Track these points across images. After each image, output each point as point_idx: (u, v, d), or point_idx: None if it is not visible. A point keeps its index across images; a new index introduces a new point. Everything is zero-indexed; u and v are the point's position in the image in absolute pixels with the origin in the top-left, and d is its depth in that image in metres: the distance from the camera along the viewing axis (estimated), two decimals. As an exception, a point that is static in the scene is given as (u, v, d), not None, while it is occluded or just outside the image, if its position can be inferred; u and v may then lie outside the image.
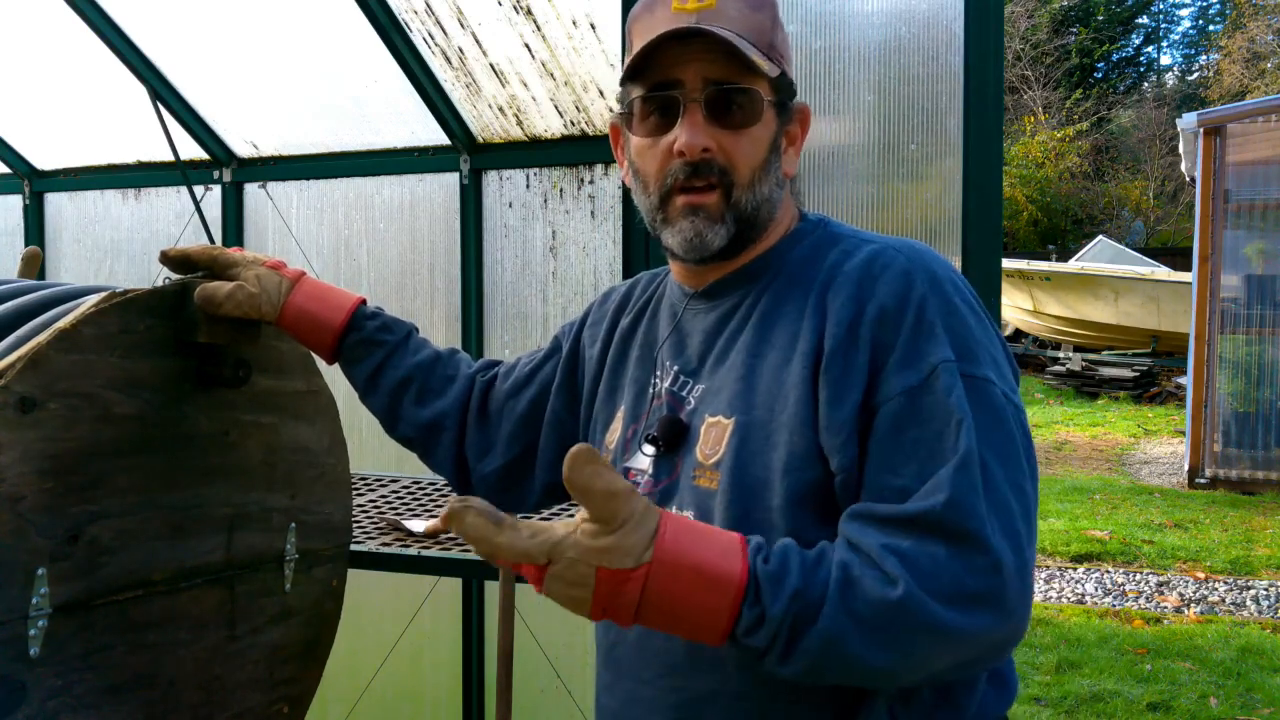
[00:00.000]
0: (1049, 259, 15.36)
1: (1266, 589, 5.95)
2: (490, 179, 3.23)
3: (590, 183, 3.10)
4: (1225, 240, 8.33)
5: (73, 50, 3.39)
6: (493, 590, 2.85)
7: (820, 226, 1.28)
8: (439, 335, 3.32)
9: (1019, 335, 15.27)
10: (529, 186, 3.18)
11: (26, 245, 3.88)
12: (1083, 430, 11.11)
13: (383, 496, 2.76)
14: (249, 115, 3.46)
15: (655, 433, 1.25)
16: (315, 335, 1.50)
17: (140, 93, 3.32)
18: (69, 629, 1.36)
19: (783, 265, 1.25)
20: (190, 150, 3.54)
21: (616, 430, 1.35)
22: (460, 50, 3.00)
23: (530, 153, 3.15)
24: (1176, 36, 29.82)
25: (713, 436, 1.20)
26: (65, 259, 3.94)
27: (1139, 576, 6.20)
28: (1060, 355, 13.99)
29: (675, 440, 1.23)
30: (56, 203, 3.96)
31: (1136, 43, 28.47)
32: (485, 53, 2.99)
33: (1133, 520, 7.36)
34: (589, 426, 1.43)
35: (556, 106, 3.04)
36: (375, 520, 2.51)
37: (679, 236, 1.22)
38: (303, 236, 3.51)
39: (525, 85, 3.02)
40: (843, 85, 2.49)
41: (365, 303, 1.53)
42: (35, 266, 2.14)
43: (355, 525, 2.45)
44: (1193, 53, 28.45)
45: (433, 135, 3.24)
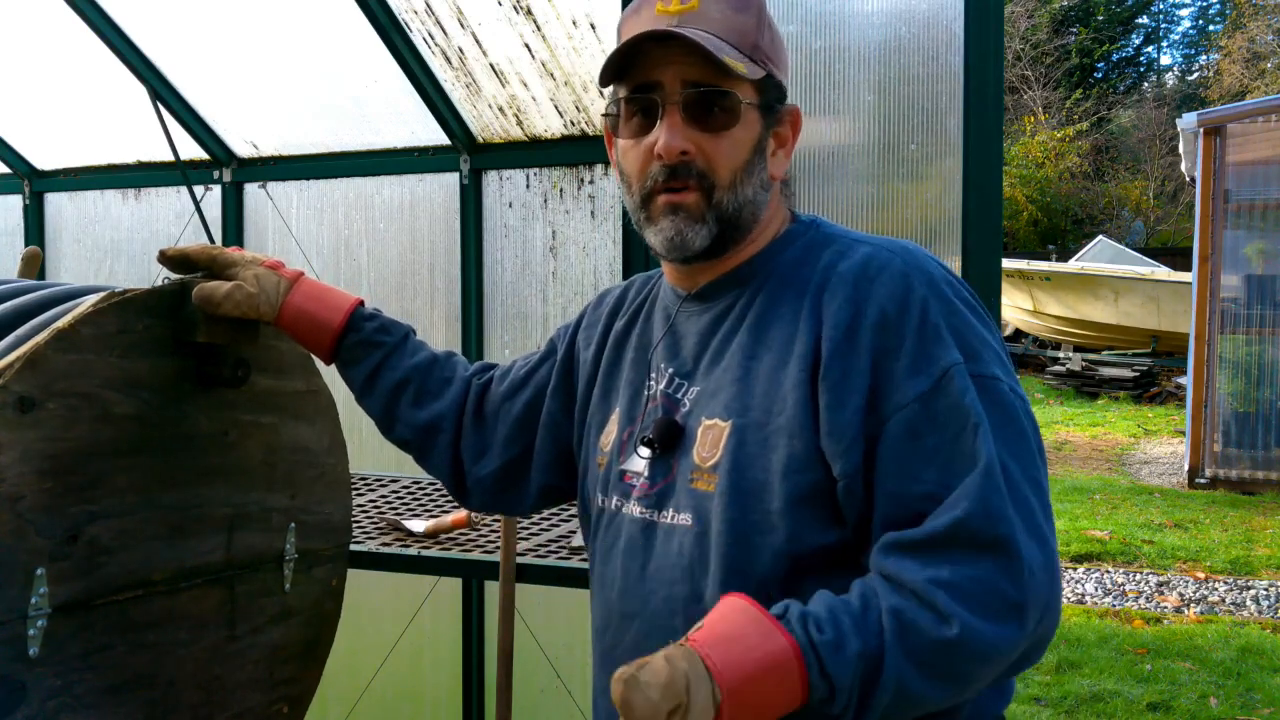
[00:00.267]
0: (1049, 259, 15.35)
1: (1266, 589, 5.94)
2: (490, 179, 3.23)
3: (590, 183, 3.10)
4: (1225, 240, 8.33)
5: (73, 50, 3.39)
6: (493, 590, 2.85)
7: (812, 228, 1.28)
8: (439, 335, 3.32)
9: (1019, 335, 15.26)
10: (529, 186, 3.18)
11: (26, 245, 3.88)
12: (1083, 430, 11.11)
13: (383, 496, 2.76)
14: (249, 115, 3.46)
15: (651, 435, 1.25)
16: (313, 336, 1.49)
17: (140, 93, 3.32)
18: (69, 629, 1.36)
19: (775, 267, 1.25)
20: (190, 150, 3.54)
21: (612, 433, 1.35)
22: (460, 50, 3.00)
23: (530, 153, 3.15)
24: (1176, 36, 29.85)
25: (710, 439, 1.20)
26: (65, 259, 3.94)
27: (1139, 576, 6.20)
28: (1060, 355, 13.99)
29: (671, 442, 1.24)
30: (56, 203, 3.96)
31: (1136, 43, 28.48)
32: (485, 53, 2.99)
33: (1133, 520, 7.36)
34: (584, 429, 1.42)
35: (556, 106, 3.04)
36: (375, 520, 2.51)
37: (660, 236, 1.23)
38: (303, 236, 3.51)
39: (525, 85, 3.01)
40: (843, 85, 2.49)
41: (363, 304, 1.52)
42: (35, 266, 2.14)
43: (355, 525, 2.45)
44: (1193, 53, 28.47)
45: (433, 135, 3.24)
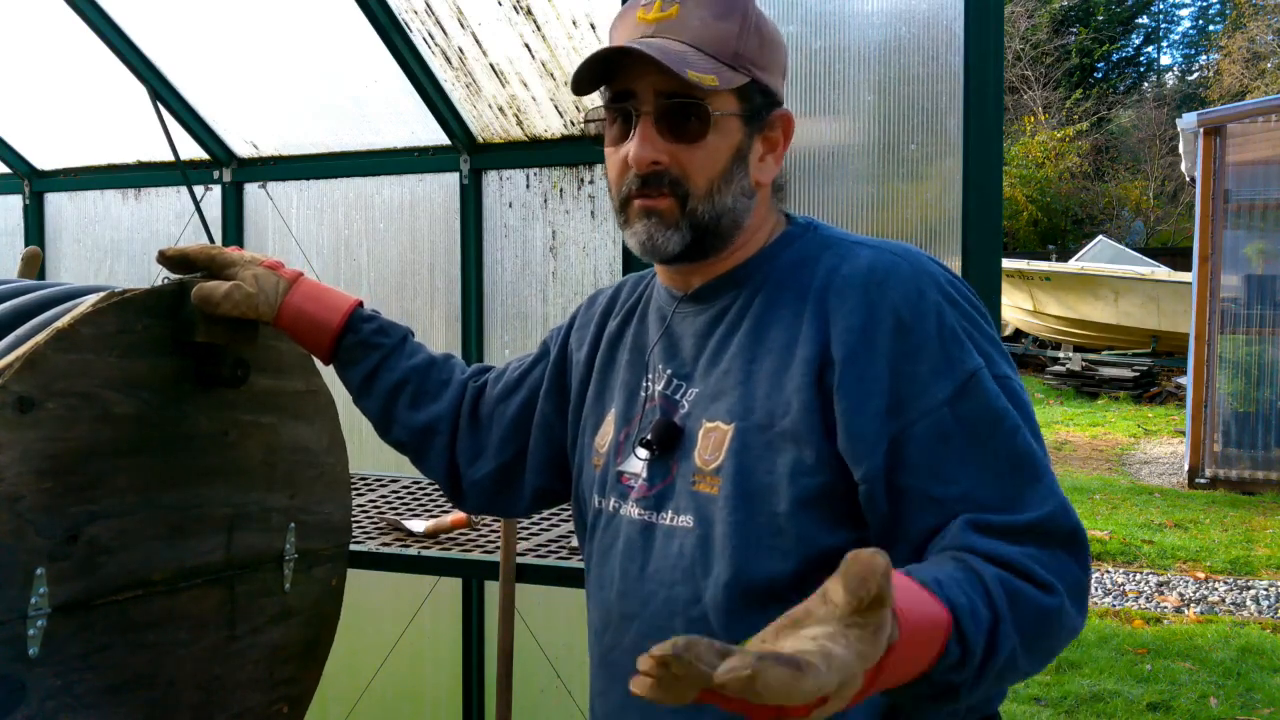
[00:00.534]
0: (1049, 259, 15.35)
1: (1266, 589, 5.94)
2: (490, 179, 3.23)
3: (590, 183, 3.10)
4: (1225, 240, 8.33)
5: (73, 50, 3.39)
6: (493, 590, 2.85)
7: (809, 230, 1.28)
8: (439, 335, 3.32)
9: (1019, 335, 15.26)
10: (529, 186, 3.18)
11: (26, 245, 3.88)
12: (1083, 430, 11.11)
13: (383, 496, 2.76)
14: (249, 115, 3.46)
15: (649, 436, 1.24)
16: (312, 336, 1.49)
17: (140, 93, 3.32)
18: (68, 629, 1.36)
19: (772, 270, 1.25)
20: (190, 150, 3.54)
21: (608, 434, 1.34)
22: (460, 50, 3.00)
23: (530, 153, 3.15)
24: (1176, 36, 29.86)
25: (712, 442, 1.20)
26: (65, 259, 3.94)
27: (1139, 576, 6.20)
28: (1060, 355, 13.99)
29: (670, 444, 1.23)
30: (56, 203, 3.96)
31: (1136, 43, 28.48)
32: (485, 53, 2.99)
33: (1133, 520, 7.36)
34: (578, 429, 1.42)
35: (556, 106, 3.04)
36: (375, 520, 2.52)
37: (635, 239, 1.24)
38: (303, 236, 3.51)
39: (525, 85, 3.01)
40: (843, 85, 2.48)
41: (362, 305, 1.53)
42: (35, 266, 2.14)
43: (355, 525, 2.45)
44: (1193, 53, 28.47)
45: (433, 135, 3.24)
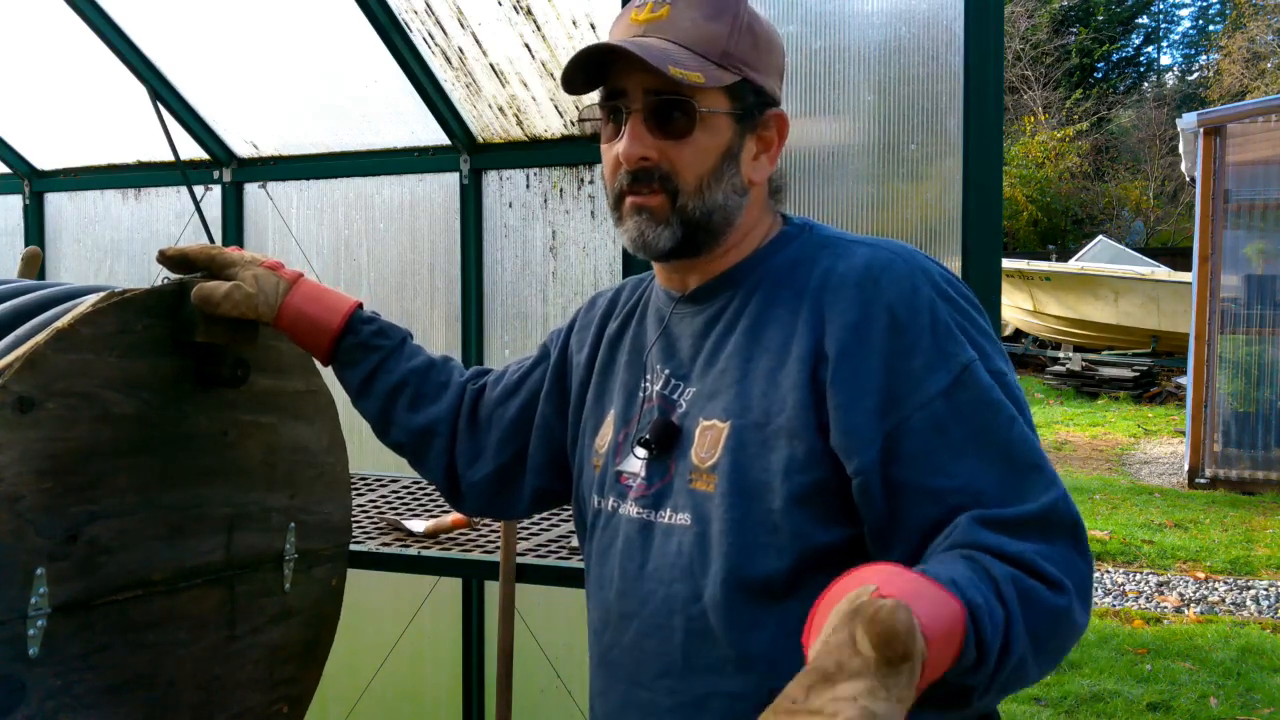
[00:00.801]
0: (1049, 259, 15.35)
1: (1266, 589, 5.94)
2: (490, 179, 3.23)
3: (590, 183, 3.10)
4: (1225, 240, 8.33)
5: (73, 50, 3.39)
6: (493, 590, 2.85)
7: (805, 230, 1.29)
8: (439, 335, 3.32)
9: (1019, 335, 15.26)
10: (529, 186, 3.18)
11: (26, 245, 3.88)
12: (1083, 430, 11.11)
13: (383, 496, 2.76)
14: (249, 115, 3.46)
15: (647, 435, 1.25)
16: (311, 337, 1.50)
17: (140, 93, 3.32)
18: (68, 629, 1.36)
19: (768, 269, 1.26)
20: (190, 150, 3.54)
21: (607, 434, 1.35)
22: (460, 50, 3.00)
23: (530, 153, 3.15)
24: (1176, 36, 29.85)
25: (708, 440, 1.20)
26: (65, 259, 3.94)
27: (1139, 576, 6.20)
28: (1060, 355, 13.99)
29: (668, 443, 1.24)
30: (56, 203, 3.96)
31: (1136, 43, 28.48)
32: (485, 53, 2.99)
33: (1133, 520, 7.36)
34: (578, 431, 1.43)
35: (556, 106, 3.04)
36: (375, 520, 2.52)
37: (627, 235, 1.26)
38: (303, 236, 3.51)
39: (525, 85, 3.01)
40: (843, 85, 2.48)
41: (362, 306, 1.53)
42: (35, 266, 2.14)
43: (355, 525, 2.45)
44: (1193, 53, 28.47)
45: (433, 135, 3.24)
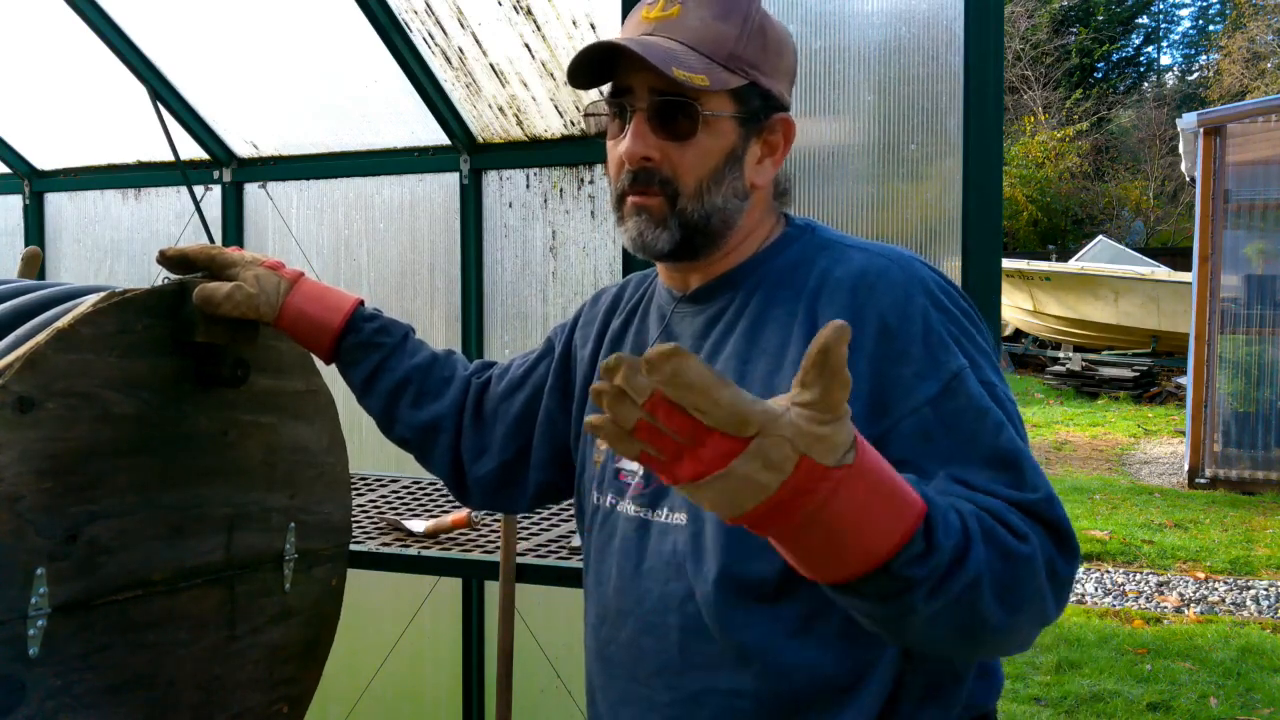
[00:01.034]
0: (1049, 259, 15.36)
1: (1266, 589, 5.94)
2: (490, 179, 3.23)
3: (590, 183, 3.10)
4: (1225, 240, 8.33)
5: (73, 50, 3.39)
6: (493, 590, 2.85)
7: (807, 232, 1.29)
8: (439, 335, 3.32)
9: (1019, 335, 15.27)
10: (529, 186, 3.18)
11: (26, 245, 3.88)
12: (1083, 430, 11.11)
13: (383, 496, 2.76)
14: (249, 115, 3.46)
15: None
16: (313, 336, 1.50)
17: (140, 93, 3.32)
18: (68, 629, 1.36)
19: (769, 271, 1.26)
20: (190, 150, 3.54)
21: None
22: (460, 50, 3.00)
23: (530, 153, 3.15)
24: (1176, 36, 29.85)
25: None
26: (65, 259, 3.94)
27: (1139, 576, 6.20)
28: (1060, 355, 13.99)
29: None
30: (56, 203, 3.96)
31: (1136, 43, 28.47)
32: (485, 53, 2.99)
33: (1133, 520, 7.36)
34: (581, 427, 1.43)
35: (556, 106, 3.04)
36: (375, 520, 2.52)
37: (627, 235, 1.26)
38: (303, 236, 3.51)
39: (525, 85, 3.01)
40: (843, 85, 2.48)
41: (363, 304, 1.53)
42: (35, 266, 2.14)
43: (355, 525, 2.45)
44: (1193, 53, 28.47)
45: (433, 135, 3.24)
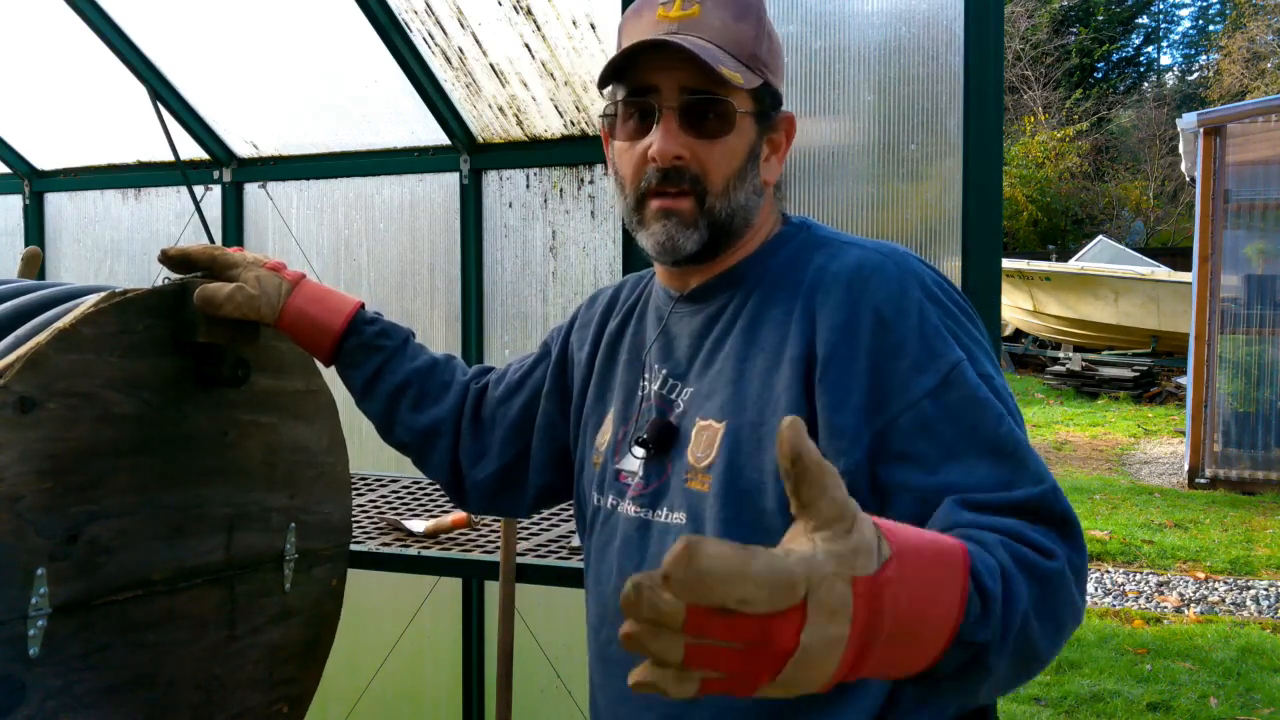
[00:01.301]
0: (1049, 259, 15.37)
1: (1266, 589, 5.94)
2: (490, 179, 3.23)
3: (590, 183, 3.10)
4: (1225, 240, 8.33)
5: (73, 50, 3.39)
6: (493, 590, 2.85)
7: (803, 229, 1.30)
8: (439, 335, 3.32)
9: (1019, 335, 15.27)
10: (529, 186, 3.18)
11: (26, 245, 3.88)
12: (1083, 430, 11.11)
13: (383, 496, 2.76)
14: (249, 115, 3.46)
15: (645, 435, 1.26)
16: (313, 338, 1.50)
17: (140, 93, 3.32)
18: (68, 629, 1.36)
19: (766, 269, 1.26)
20: (190, 150, 3.54)
21: (607, 433, 1.36)
22: (460, 50, 3.00)
23: (530, 153, 3.15)
24: (1176, 36, 29.87)
25: (704, 440, 1.21)
26: (65, 259, 3.94)
27: (1139, 576, 6.20)
28: (1060, 355, 13.99)
29: (665, 442, 1.25)
30: (56, 203, 3.96)
31: (1136, 43, 28.49)
32: (485, 53, 2.99)
33: (1133, 520, 7.36)
34: (579, 429, 1.43)
35: (556, 106, 3.04)
36: (375, 520, 2.52)
37: (652, 239, 1.24)
38: (303, 236, 3.51)
39: (525, 85, 3.01)
40: (843, 85, 2.48)
41: (364, 307, 1.53)
42: (35, 266, 2.14)
43: (355, 525, 2.45)
44: (1193, 53, 28.48)
45: (433, 135, 3.24)
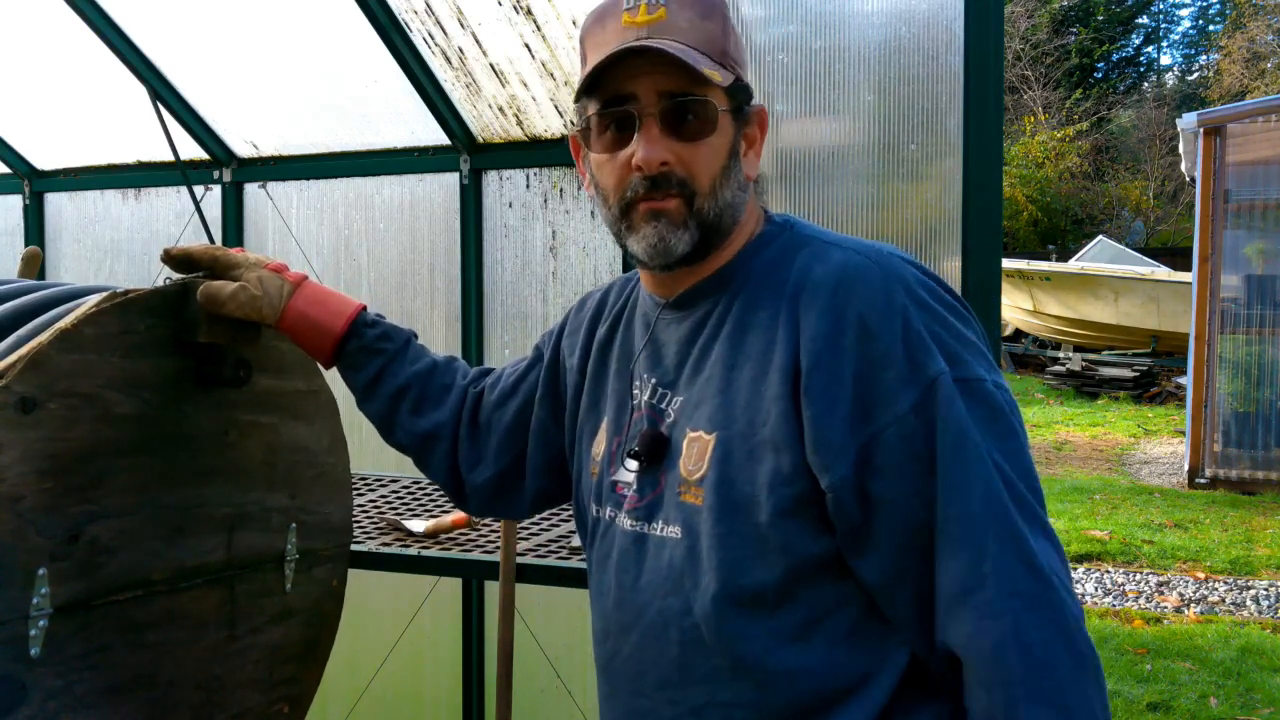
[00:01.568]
0: (1049, 259, 15.37)
1: (1266, 589, 5.94)
2: (490, 179, 3.23)
3: (590, 183, 3.10)
4: (1225, 240, 8.33)
5: (73, 50, 3.39)
6: (493, 590, 2.85)
7: (785, 229, 1.28)
8: (439, 335, 3.32)
9: (1019, 335, 15.27)
10: (529, 186, 3.18)
11: (26, 245, 3.88)
12: (1083, 430, 11.11)
13: (383, 496, 2.76)
14: (249, 115, 3.46)
15: (636, 448, 1.25)
16: (314, 340, 1.49)
17: (140, 93, 3.32)
18: (69, 629, 1.36)
19: (750, 271, 1.25)
20: (190, 150, 3.54)
21: (601, 443, 1.36)
22: (460, 50, 3.00)
23: (530, 153, 3.15)
24: (1176, 36, 29.89)
25: (695, 452, 1.21)
26: (65, 259, 3.94)
27: (1139, 576, 6.20)
28: (1060, 355, 13.99)
29: (657, 454, 1.24)
30: (56, 203, 3.96)
31: (1136, 43, 28.49)
32: (485, 53, 2.99)
33: (1133, 520, 7.36)
34: (575, 437, 1.43)
35: (556, 106, 3.04)
36: (375, 520, 2.52)
37: (643, 243, 1.22)
38: (303, 236, 3.51)
39: (525, 85, 3.01)
40: (843, 85, 2.48)
41: (365, 309, 1.53)
42: (35, 266, 2.14)
43: (355, 525, 2.45)
44: (1193, 53, 28.49)
45: (433, 135, 3.24)
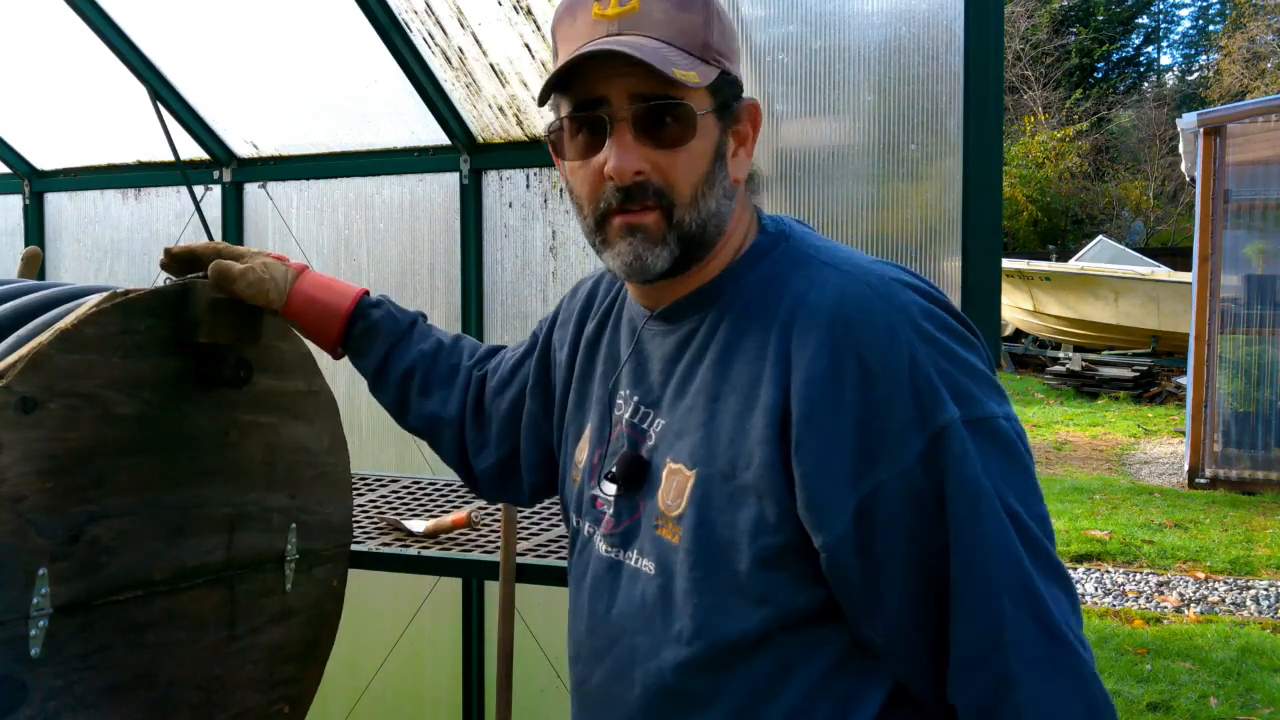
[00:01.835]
0: (1049, 259, 15.37)
1: (1266, 589, 5.95)
2: (490, 179, 3.23)
3: (590, 183, 3.10)
4: (1225, 240, 8.33)
5: (73, 50, 3.39)
6: (493, 590, 2.85)
7: (780, 240, 1.18)
8: (439, 335, 3.32)
9: (1019, 335, 15.27)
10: (529, 186, 3.18)
11: (26, 245, 3.88)
12: (1083, 430, 11.11)
13: (383, 496, 2.76)
14: (249, 115, 3.46)
15: (615, 471, 1.20)
16: (321, 324, 1.49)
17: (140, 93, 3.32)
18: (69, 629, 1.36)
19: (740, 289, 1.15)
20: (190, 150, 3.54)
21: (584, 450, 1.31)
22: (460, 50, 3.00)
23: (530, 153, 3.15)
24: (1176, 36, 29.90)
25: (674, 487, 1.14)
26: (65, 259, 3.94)
27: (1139, 576, 6.20)
28: (1060, 355, 13.99)
29: (636, 479, 1.18)
30: (56, 203, 3.96)
31: (1136, 43, 28.50)
32: (485, 53, 2.99)
33: (1133, 520, 7.36)
34: (561, 435, 1.40)
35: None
36: (375, 520, 2.52)
37: (618, 260, 1.14)
38: (303, 236, 3.51)
39: (525, 85, 3.01)
40: (843, 85, 2.48)
41: (369, 294, 1.53)
42: (35, 266, 2.14)
43: (355, 525, 2.45)
44: (1193, 53, 28.50)
45: (433, 135, 3.24)
